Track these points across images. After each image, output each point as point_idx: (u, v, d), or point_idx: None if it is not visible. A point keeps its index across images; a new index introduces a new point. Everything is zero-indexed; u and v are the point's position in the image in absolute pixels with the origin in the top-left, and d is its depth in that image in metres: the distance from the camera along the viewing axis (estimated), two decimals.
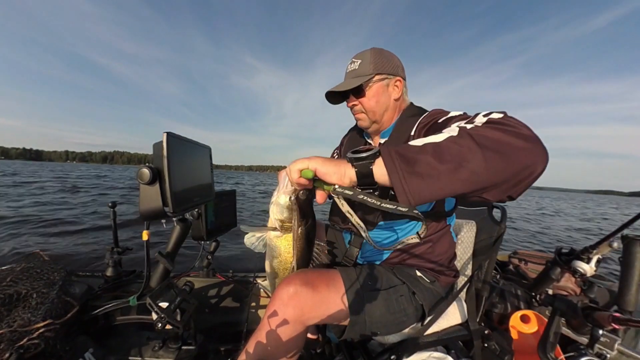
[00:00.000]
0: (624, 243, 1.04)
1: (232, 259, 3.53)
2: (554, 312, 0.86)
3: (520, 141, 0.51)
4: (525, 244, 6.09)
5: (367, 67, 0.96)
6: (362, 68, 0.97)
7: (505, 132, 0.52)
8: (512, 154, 0.51)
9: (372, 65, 0.96)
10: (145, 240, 1.06)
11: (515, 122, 0.55)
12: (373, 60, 0.97)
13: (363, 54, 0.99)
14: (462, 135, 0.53)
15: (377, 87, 0.98)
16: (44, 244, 3.87)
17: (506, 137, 0.51)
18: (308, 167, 0.61)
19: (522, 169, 0.51)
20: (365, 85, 0.97)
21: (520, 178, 0.53)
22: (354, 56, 1.01)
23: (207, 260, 1.60)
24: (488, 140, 0.51)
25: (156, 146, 0.83)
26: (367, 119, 1.03)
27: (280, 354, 0.81)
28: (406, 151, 0.54)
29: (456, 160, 0.51)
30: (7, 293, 0.89)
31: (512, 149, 0.51)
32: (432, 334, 0.97)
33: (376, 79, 0.97)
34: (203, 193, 1.09)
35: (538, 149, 0.52)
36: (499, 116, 0.58)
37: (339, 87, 0.99)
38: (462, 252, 1.20)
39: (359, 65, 0.97)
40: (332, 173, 0.60)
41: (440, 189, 0.52)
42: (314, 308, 0.80)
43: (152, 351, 1.14)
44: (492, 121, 0.56)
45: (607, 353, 0.77)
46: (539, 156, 0.52)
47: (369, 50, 0.99)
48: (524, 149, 0.51)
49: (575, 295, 1.33)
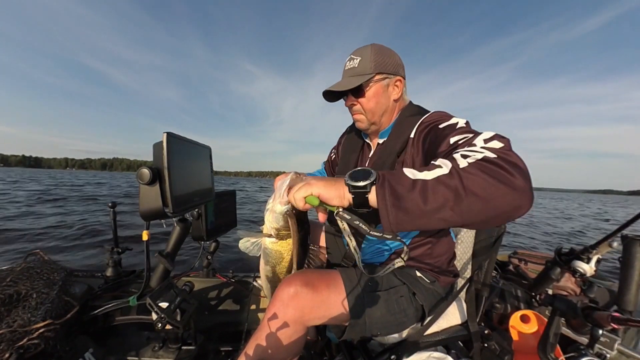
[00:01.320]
0: (624, 243, 1.04)
1: (232, 259, 3.53)
2: (554, 312, 0.86)
3: (509, 190, 0.52)
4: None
5: (367, 65, 0.92)
6: (362, 66, 0.92)
7: (496, 180, 0.52)
8: (497, 202, 0.52)
9: (373, 63, 0.91)
10: (145, 241, 1.06)
11: (511, 163, 0.54)
12: (373, 58, 0.92)
13: (363, 51, 0.93)
14: (453, 176, 0.54)
15: (377, 87, 0.94)
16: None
17: (495, 186, 0.52)
18: (312, 193, 0.63)
19: (504, 214, 0.54)
20: (366, 85, 0.93)
21: (500, 220, 0.56)
22: (353, 52, 0.95)
23: (207, 261, 1.60)
24: (476, 187, 0.52)
25: (156, 146, 0.83)
26: (365, 120, 1.00)
27: (280, 354, 0.80)
28: (398, 185, 0.56)
29: (440, 203, 0.53)
30: (7, 293, 0.89)
31: (499, 198, 0.52)
32: (432, 334, 0.97)
33: (376, 78, 0.93)
34: (203, 193, 1.09)
35: (524, 199, 0.53)
36: (499, 146, 0.59)
37: (338, 86, 0.95)
38: (462, 252, 1.20)
39: (358, 63, 0.92)
40: (334, 197, 0.62)
41: (421, 225, 0.56)
42: (314, 309, 0.80)
43: (152, 351, 1.14)
44: (487, 160, 0.55)
45: (607, 353, 0.77)
46: (524, 206, 0.54)
47: (369, 46, 0.94)
48: (511, 199, 0.53)
49: (575, 295, 1.33)
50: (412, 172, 0.58)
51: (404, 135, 0.92)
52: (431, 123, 0.84)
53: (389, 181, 0.57)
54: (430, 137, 0.81)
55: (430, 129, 0.83)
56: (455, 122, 0.77)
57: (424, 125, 0.87)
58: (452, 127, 0.75)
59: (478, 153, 0.58)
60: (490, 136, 0.63)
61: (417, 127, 0.89)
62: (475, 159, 0.56)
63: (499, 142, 0.60)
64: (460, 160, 0.57)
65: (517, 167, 0.54)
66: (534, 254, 1.73)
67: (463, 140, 0.67)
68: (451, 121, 0.78)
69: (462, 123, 0.76)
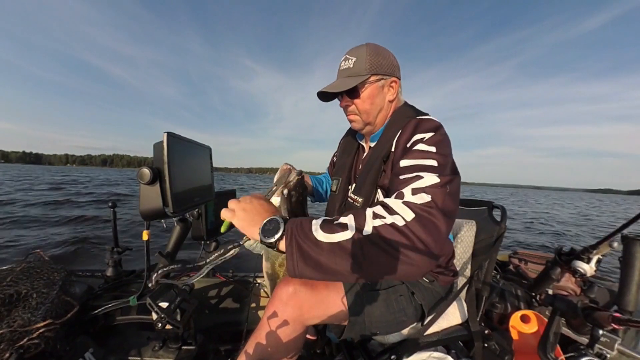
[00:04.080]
0: (624, 243, 1.04)
1: (232, 259, 3.52)
2: (554, 312, 0.86)
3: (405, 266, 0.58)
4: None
5: (363, 66, 0.89)
6: (357, 67, 0.89)
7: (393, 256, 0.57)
8: (393, 272, 0.59)
9: (368, 64, 0.89)
10: (145, 241, 1.06)
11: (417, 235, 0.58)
12: (369, 59, 0.89)
13: (358, 51, 0.91)
14: (354, 242, 0.58)
15: (372, 88, 0.92)
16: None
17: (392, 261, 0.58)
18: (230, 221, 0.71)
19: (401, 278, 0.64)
20: (361, 87, 0.91)
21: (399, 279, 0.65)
22: (348, 52, 0.93)
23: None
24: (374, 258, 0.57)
25: (156, 146, 0.83)
26: (360, 121, 0.98)
27: (280, 353, 0.81)
28: (304, 243, 0.60)
29: (341, 266, 0.58)
30: (7, 293, 0.89)
31: (395, 270, 0.58)
32: (432, 334, 0.97)
33: (372, 79, 0.91)
34: (203, 193, 1.09)
35: (421, 270, 0.60)
36: (420, 202, 0.63)
37: (332, 87, 0.93)
38: (462, 252, 1.20)
39: (353, 64, 0.90)
40: (249, 234, 0.68)
41: (321, 278, 0.61)
42: (313, 307, 0.80)
43: (152, 351, 1.14)
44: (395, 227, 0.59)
45: (607, 353, 0.77)
46: (420, 274, 0.63)
47: (364, 45, 0.91)
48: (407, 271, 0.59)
49: (575, 295, 1.33)
50: (318, 230, 0.61)
51: (386, 147, 0.90)
52: (404, 138, 0.82)
53: (296, 238, 0.61)
54: (396, 156, 0.82)
55: (400, 143, 0.83)
56: (422, 137, 0.77)
57: (400, 138, 0.85)
58: (413, 145, 0.77)
59: (391, 214, 0.61)
60: (423, 186, 0.66)
61: (397, 140, 0.86)
62: (383, 222, 0.60)
63: (426, 196, 0.63)
64: (368, 222, 0.60)
65: (431, 230, 0.59)
66: (534, 254, 1.73)
67: (404, 178, 0.70)
68: (418, 136, 0.78)
69: (428, 137, 0.77)
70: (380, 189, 0.90)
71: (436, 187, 0.66)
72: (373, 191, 0.91)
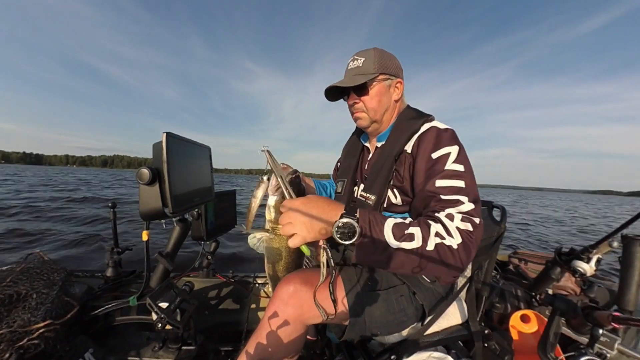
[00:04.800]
0: (624, 243, 1.04)
1: (232, 259, 3.53)
2: (554, 312, 0.86)
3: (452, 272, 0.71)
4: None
5: (371, 65, 0.95)
6: (366, 66, 0.95)
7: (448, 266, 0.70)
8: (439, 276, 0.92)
9: (377, 64, 0.95)
10: (145, 241, 1.06)
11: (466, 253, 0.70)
12: (377, 59, 0.95)
13: (366, 52, 0.97)
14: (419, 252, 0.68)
15: (380, 86, 0.97)
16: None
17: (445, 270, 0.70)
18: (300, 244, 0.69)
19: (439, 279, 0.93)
20: (369, 84, 0.96)
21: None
22: (356, 53, 0.99)
23: (207, 261, 1.60)
24: (431, 265, 0.69)
25: (156, 146, 0.83)
26: (367, 118, 1.02)
27: (280, 353, 0.80)
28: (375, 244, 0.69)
29: (399, 264, 0.70)
30: (7, 293, 0.89)
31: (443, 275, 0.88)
32: (432, 334, 0.97)
33: (380, 78, 0.96)
34: (203, 193, 1.09)
35: (459, 273, 0.84)
36: (468, 229, 0.72)
37: (342, 82, 0.98)
38: None
39: (362, 63, 0.96)
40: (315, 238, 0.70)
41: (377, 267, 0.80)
42: (314, 307, 0.79)
43: (152, 351, 1.14)
44: (451, 249, 0.69)
45: (607, 353, 0.77)
46: (445, 279, 0.95)
47: (372, 49, 0.98)
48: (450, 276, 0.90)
49: (575, 295, 1.33)
50: (390, 236, 0.69)
51: (401, 140, 0.94)
52: (427, 147, 0.87)
53: (371, 238, 0.68)
54: (419, 164, 0.86)
55: (423, 152, 0.86)
56: (448, 152, 0.83)
57: (421, 146, 0.88)
58: (443, 162, 0.82)
59: (449, 235, 0.71)
60: (465, 212, 0.74)
61: (414, 143, 0.91)
62: (442, 242, 0.70)
63: (469, 225, 0.72)
64: (432, 239, 0.70)
65: (469, 254, 0.71)
66: (534, 253, 1.73)
67: (446, 199, 0.77)
68: (443, 150, 0.83)
69: (455, 153, 0.82)
70: (395, 189, 0.94)
71: (474, 215, 0.75)
72: (385, 190, 0.95)
